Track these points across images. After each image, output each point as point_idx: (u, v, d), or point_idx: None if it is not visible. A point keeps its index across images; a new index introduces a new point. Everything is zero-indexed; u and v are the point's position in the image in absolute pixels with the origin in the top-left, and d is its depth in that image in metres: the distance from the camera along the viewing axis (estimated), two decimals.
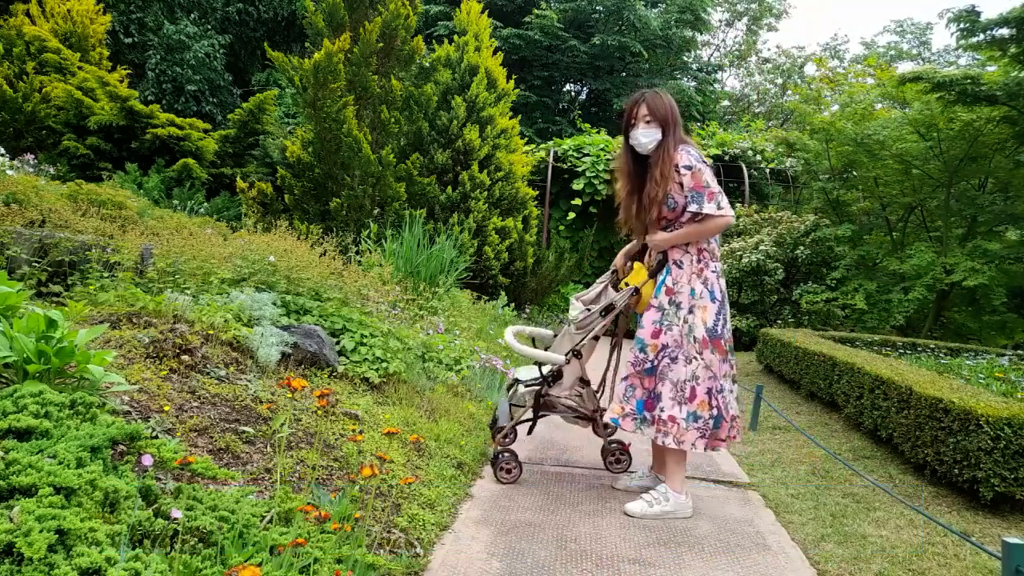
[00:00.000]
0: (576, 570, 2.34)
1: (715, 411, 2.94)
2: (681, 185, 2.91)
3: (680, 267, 2.99)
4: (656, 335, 2.96)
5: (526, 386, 3.27)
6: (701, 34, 21.72)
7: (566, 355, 3.17)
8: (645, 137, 2.95)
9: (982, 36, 7.51)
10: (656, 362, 2.95)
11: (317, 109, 7.23)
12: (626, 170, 3.09)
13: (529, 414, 3.31)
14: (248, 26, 14.70)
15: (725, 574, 2.41)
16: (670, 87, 18.27)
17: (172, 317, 3.15)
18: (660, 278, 3.03)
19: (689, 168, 2.90)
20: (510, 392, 3.39)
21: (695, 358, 2.92)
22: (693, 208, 2.88)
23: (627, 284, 3.14)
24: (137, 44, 12.60)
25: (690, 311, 2.94)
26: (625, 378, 3.01)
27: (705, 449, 2.96)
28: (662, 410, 2.91)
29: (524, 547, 2.48)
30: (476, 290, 7.96)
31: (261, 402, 2.86)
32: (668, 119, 2.94)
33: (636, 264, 3.19)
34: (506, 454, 3.23)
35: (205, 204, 8.18)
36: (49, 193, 5.04)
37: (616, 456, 3.45)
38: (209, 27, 13.38)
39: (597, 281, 3.40)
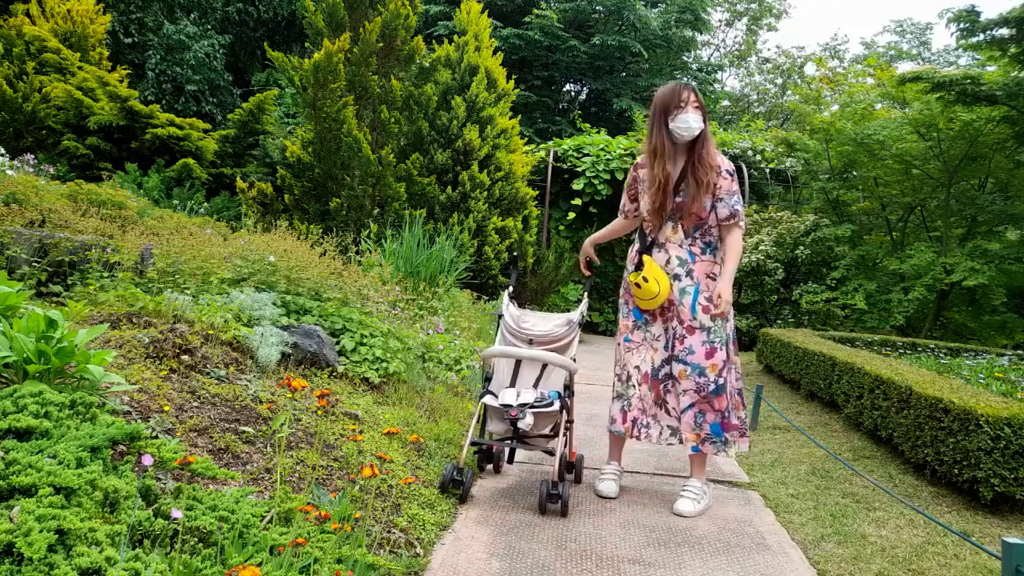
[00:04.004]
0: (576, 570, 2.34)
1: (746, 407, 3.18)
2: (717, 187, 3.00)
3: (713, 279, 3.04)
4: (711, 355, 2.98)
5: (532, 408, 2.96)
6: (701, 34, 21.71)
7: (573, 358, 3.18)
8: (696, 121, 2.96)
9: (982, 36, 7.50)
10: (723, 379, 3.00)
11: (317, 109, 7.23)
12: (668, 153, 3.01)
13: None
14: (248, 26, 14.70)
15: (725, 574, 2.41)
16: (664, 87, 18.23)
17: (172, 317, 3.15)
18: (691, 300, 3.01)
19: (730, 173, 3.03)
20: (509, 425, 2.98)
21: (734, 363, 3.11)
22: (737, 208, 2.99)
23: (645, 279, 3.00)
24: (137, 44, 12.60)
25: (727, 319, 3.07)
26: (691, 406, 3.01)
27: (748, 447, 3.19)
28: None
29: (524, 547, 2.48)
30: (476, 290, 7.96)
31: (261, 402, 2.86)
32: (705, 110, 3.04)
33: (647, 258, 3.06)
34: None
35: (205, 204, 8.17)
36: (49, 193, 5.04)
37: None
38: (209, 27, 13.36)
39: (504, 304, 3.30)
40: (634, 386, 3.13)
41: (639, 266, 3.07)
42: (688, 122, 2.95)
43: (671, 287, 3.02)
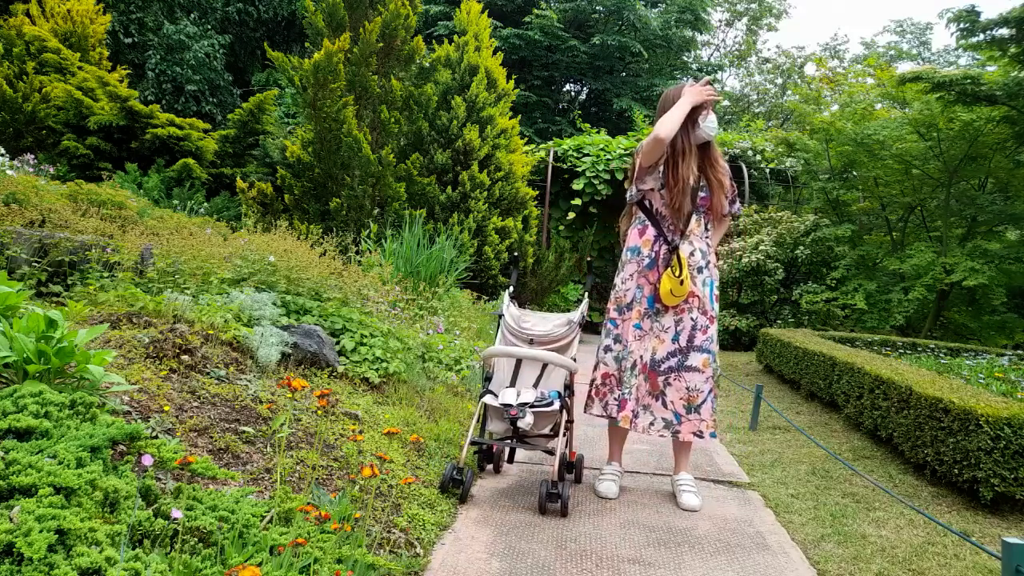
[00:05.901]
0: (576, 570, 2.34)
1: None
2: (724, 187, 3.15)
3: (717, 269, 3.22)
4: (712, 343, 3.14)
5: (532, 407, 2.97)
6: (701, 34, 21.73)
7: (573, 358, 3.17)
8: (716, 123, 3.08)
9: (982, 36, 7.51)
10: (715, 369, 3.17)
11: (317, 109, 7.23)
12: (695, 154, 3.04)
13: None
14: (248, 26, 14.70)
15: (725, 574, 2.41)
16: (670, 87, 18.27)
17: (172, 317, 3.15)
18: (708, 290, 3.11)
19: (731, 175, 3.18)
20: (509, 426, 3.00)
21: None
22: (735, 209, 3.23)
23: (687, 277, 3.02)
24: (137, 44, 12.60)
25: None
26: (710, 391, 3.12)
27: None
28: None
29: (524, 547, 2.48)
30: (476, 290, 7.96)
31: (261, 402, 2.86)
32: None
33: (682, 256, 3.02)
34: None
35: (205, 204, 8.17)
36: (49, 193, 5.04)
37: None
38: (209, 27, 13.37)
39: (505, 304, 3.28)
40: (636, 375, 3.06)
41: (668, 262, 3.01)
42: (714, 123, 3.03)
43: (695, 279, 3.07)
